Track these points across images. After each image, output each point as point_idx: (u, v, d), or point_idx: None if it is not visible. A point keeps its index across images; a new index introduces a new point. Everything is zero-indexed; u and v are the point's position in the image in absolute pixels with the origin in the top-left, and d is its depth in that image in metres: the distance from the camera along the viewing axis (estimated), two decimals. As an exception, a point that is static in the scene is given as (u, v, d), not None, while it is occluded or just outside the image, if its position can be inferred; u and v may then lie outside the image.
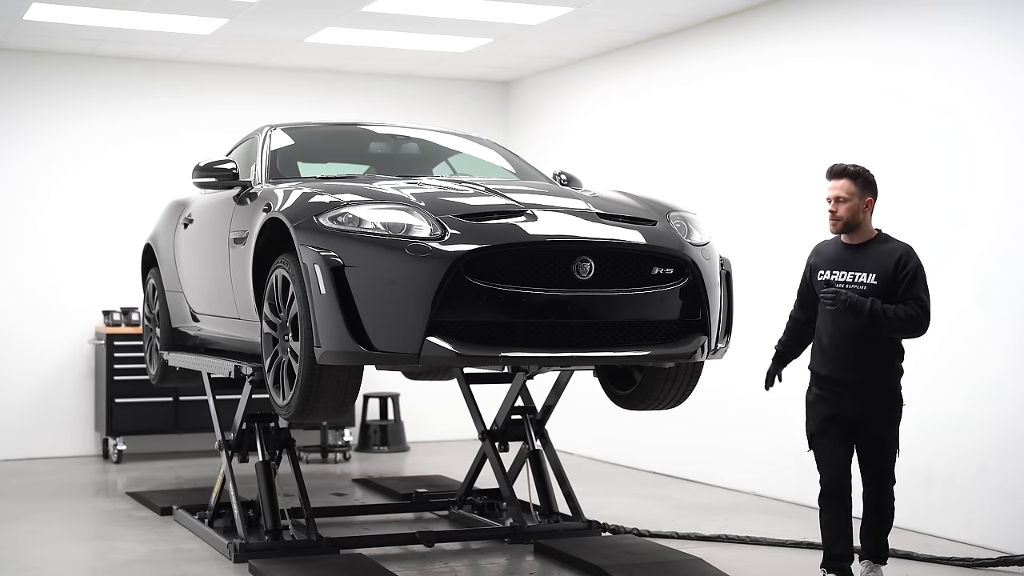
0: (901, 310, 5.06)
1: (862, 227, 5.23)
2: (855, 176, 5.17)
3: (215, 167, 6.26)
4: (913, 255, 5.14)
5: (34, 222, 9.96)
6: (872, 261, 5.17)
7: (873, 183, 5.19)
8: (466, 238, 4.99)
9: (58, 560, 6.29)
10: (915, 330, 5.11)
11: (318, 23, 8.98)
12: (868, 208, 5.19)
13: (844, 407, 5.32)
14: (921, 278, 5.11)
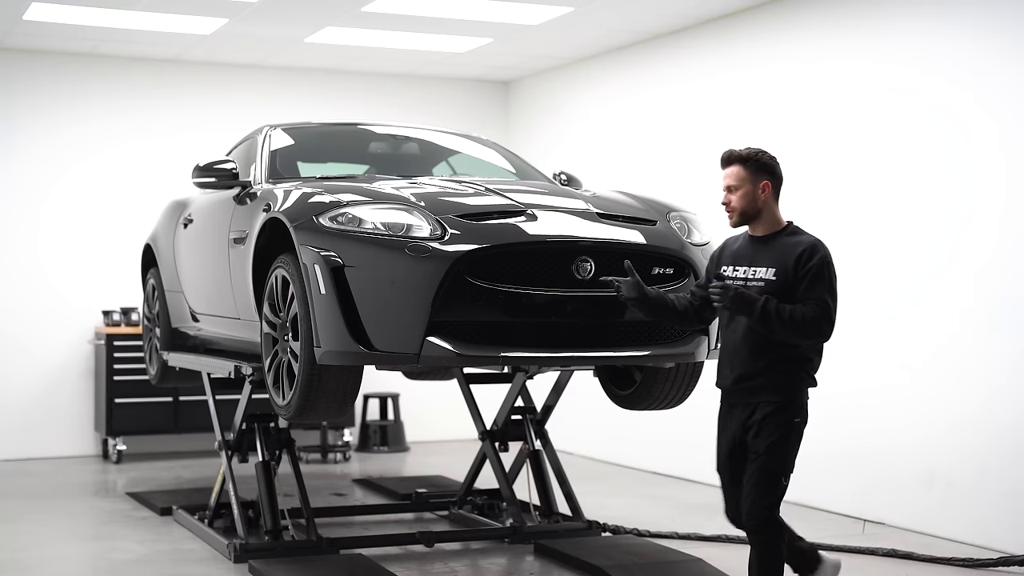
0: (798, 311, 4.36)
1: (764, 216, 4.56)
2: (745, 160, 4.54)
3: (215, 167, 6.26)
4: (819, 250, 4.45)
5: (34, 222, 9.95)
6: (773, 255, 4.50)
7: (769, 165, 4.55)
8: (466, 238, 4.99)
9: (58, 560, 6.28)
10: (813, 335, 4.40)
11: (318, 23, 8.98)
12: (765, 193, 4.53)
13: (735, 422, 4.65)
14: (826, 276, 4.43)
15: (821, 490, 7.56)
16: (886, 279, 7.16)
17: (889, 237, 7.16)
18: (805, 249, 4.46)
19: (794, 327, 4.36)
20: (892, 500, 7.03)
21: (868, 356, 7.27)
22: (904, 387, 7.01)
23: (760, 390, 4.51)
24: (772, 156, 4.59)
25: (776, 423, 4.52)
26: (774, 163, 4.58)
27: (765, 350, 4.47)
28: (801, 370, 4.52)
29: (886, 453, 7.10)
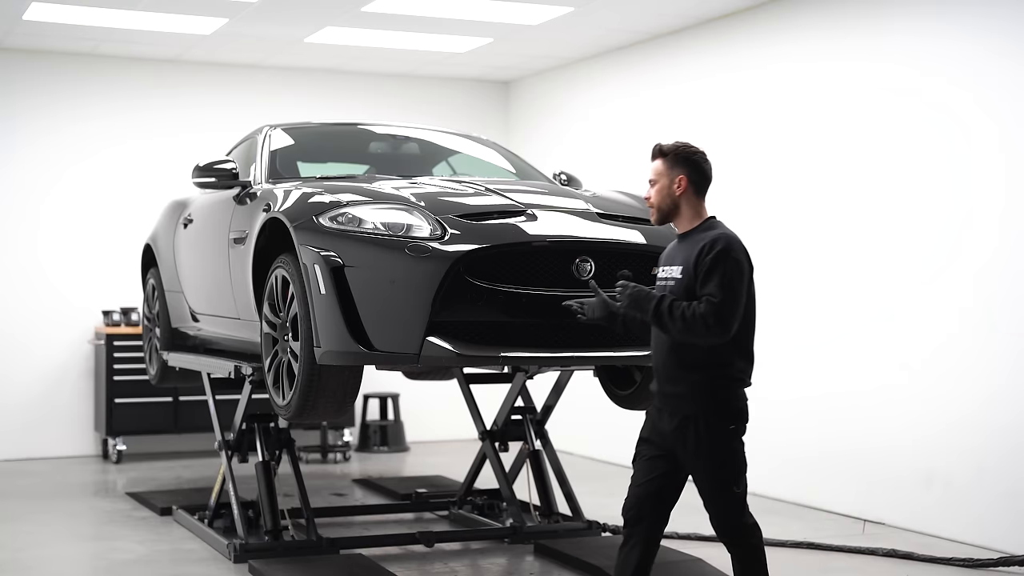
0: (689, 308, 4.14)
1: (683, 213, 4.34)
2: (664, 154, 4.33)
3: (215, 167, 6.26)
4: (720, 243, 4.21)
5: (34, 222, 9.95)
6: (684, 252, 4.30)
7: (689, 159, 4.31)
8: (466, 238, 4.98)
9: (58, 560, 6.28)
10: (701, 333, 4.14)
11: (318, 23, 8.98)
12: (681, 188, 4.29)
13: (663, 427, 4.36)
14: (723, 271, 4.18)
15: (821, 490, 7.56)
16: (885, 279, 7.16)
17: (888, 237, 7.15)
18: (707, 244, 4.23)
19: (684, 325, 4.14)
20: (892, 500, 7.03)
21: (867, 356, 7.27)
22: (903, 387, 7.01)
23: (686, 400, 4.30)
24: (694, 151, 4.35)
25: (710, 437, 4.32)
26: (695, 157, 4.33)
27: (688, 356, 4.27)
28: (725, 375, 4.32)
29: (885, 453, 7.10)
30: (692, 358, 4.28)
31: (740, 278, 4.24)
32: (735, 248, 4.25)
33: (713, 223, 4.36)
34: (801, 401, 7.80)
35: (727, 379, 4.34)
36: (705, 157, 4.38)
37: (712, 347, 4.25)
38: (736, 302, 4.21)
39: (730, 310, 4.19)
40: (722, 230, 4.32)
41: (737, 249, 4.26)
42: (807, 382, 7.77)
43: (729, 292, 4.19)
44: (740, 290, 4.23)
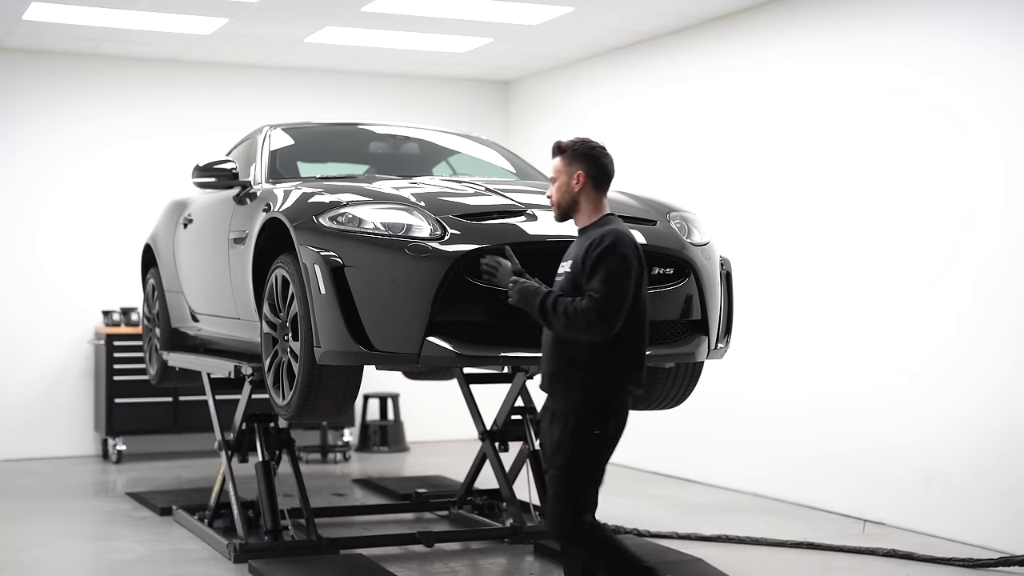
0: (572, 304, 4.10)
1: (581, 209, 4.32)
2: (563, 150, 4.33)
3: (215, 167, 6.26)
4: (608, 239, 4.15)
5: (34, 222, 9.95)
6: (577, 247, 4.30)
7: (587, 155, 4.29)
8: (466, 238, 4.98)
9: (58, 560, 6.28)
10: (583, 329, 4.10)
11: (318, 23, 8.98)
12: (579, 184, 4.28)
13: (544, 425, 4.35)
14: (607, 267, 4.11)
15: (821, 490, 7.56)
16: (886, 280, 7.16)
17: (888, 238, 7.15)
18: (595, 240, 4.18)
19: (566, 321, 4.10)
20: (892, 500, 7.03)
21: (867, 357, 7.27)
22: (903, 388, 7.01)
23: (561, 397, 4.25)
24: (593, 146, 4.32)
25: (572, 437, 4.21)
26: (593, 153, 4.30)
27: (566, 352, 4.22)
28: (602, 378, 4.21)
29: (885, 453, 7.10)
30: (573, 355, 4.22)
31: (626, 275, 4.15)
32: (623, 244, 4.16)
33: (609, 219, 4.30)
34: (801, 402, 7.80)
35: (602, 382, 4.22)
36: (604, 152, 4.34)
37: (595, 347, 4.18)
38: (620, 298, 4.12)
39: (612, 306, 4.11)
40: (614, 226, 4.24)
41: (625, 245, 4.17)
42: (807, 383, 7.77)
43: (613, 288, 4.11)
44: (625, 287, 4.14)
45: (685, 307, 5.31)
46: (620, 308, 4.12)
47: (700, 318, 5.36)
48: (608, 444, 4.25)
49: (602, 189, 4.34)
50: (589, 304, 4.08)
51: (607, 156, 4.35)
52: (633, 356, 4.25)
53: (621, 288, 4.12)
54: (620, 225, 4.27)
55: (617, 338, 4.18)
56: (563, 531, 4.29)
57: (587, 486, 4.24)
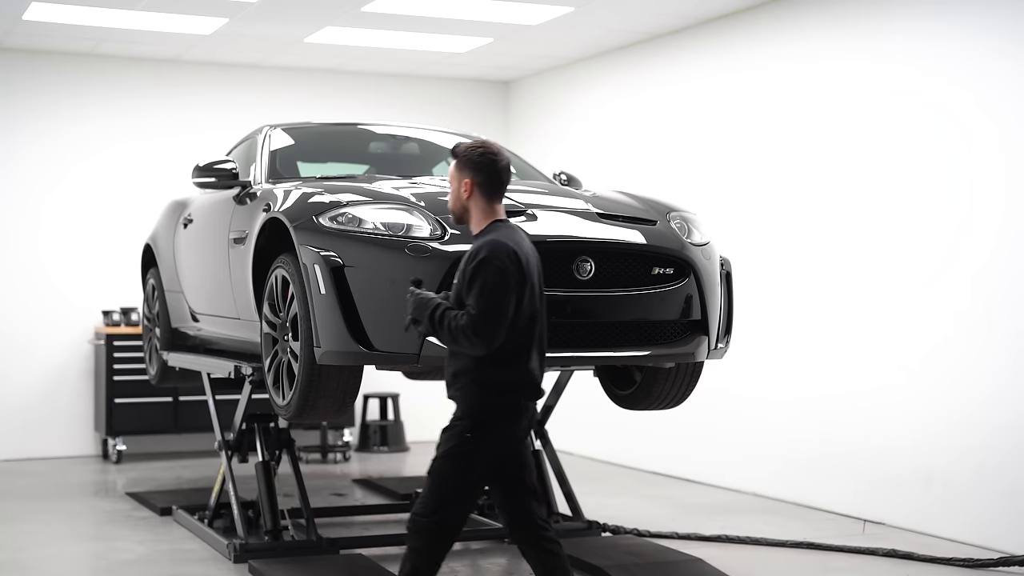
0: (454, 319, 4.05)
1: (472, 216, 4.26)
2: (455, 156, 4.28)
3: (215, 167, 6.26)
4: (484, 251, 4.07)
5: (34, 222, 9.95)
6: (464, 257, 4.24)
7: (474, 161, 4.21)
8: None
9: (58, 560, 6.28)
10: (464, 345, 4.06)
11: (318, 23, 8.98)
12: (467, 192, 4.22)
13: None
14: (481, 282, 4.03)
15: (821, 490, 7.56)
16: (885, 279, 7.16)
17: (888, 237, 7.15)
18: (472, 252, 4.12)
19: (451, 335, 4.06)
20: (892, 500, 7.03)
21: (867, 357, 7.27)
22: (902, 387, 7.01)
23: (452, 400, 4.24)
24: (482, 152, 4.23)
25: (449, 434, 4.20)
26: (482, 160, 4.22)
27: (456, 361, 4.20)
28: (478, 382, 4.15)
29: (885, 453, 7.10)
30: (461, 365, 4.19)
31: (500, 289, 4.04)
32: (498, 256, 4.06)
33: (495, 227, 4.20)
34: (801, 401, 7.80)
35: (478, 386, 4.16)
36: (494, 158, 4.25)
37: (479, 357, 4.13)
38: (494, 314, 4.03)
39: (487, 323, 4.03)
40: (494, 236, 4.14)
41: (501, 257, 4.07)
42: (807, 382, 7.77)
43: (487, 304, 4.03)
44: (499, 301, 4.04)
45: (685, 307, 5.31)
46: (496, 323, 4.04)
47: (700, 318, 5.37)
48: (488, 452, 4.19)
49: (491, 196, 4.25)
50: (467, 321, 4.03)
51: (497, 161, 4.25)
52: (521, 365, 4.18)
53: (495, 303, 4.03)
54: (503, 233, 4.16)
55: (501, 348, 4.11)
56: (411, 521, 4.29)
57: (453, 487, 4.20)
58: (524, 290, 4.13)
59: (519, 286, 4.10)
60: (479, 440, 4.16)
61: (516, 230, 4.26)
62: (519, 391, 4.19)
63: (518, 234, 4.23)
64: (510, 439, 4.21)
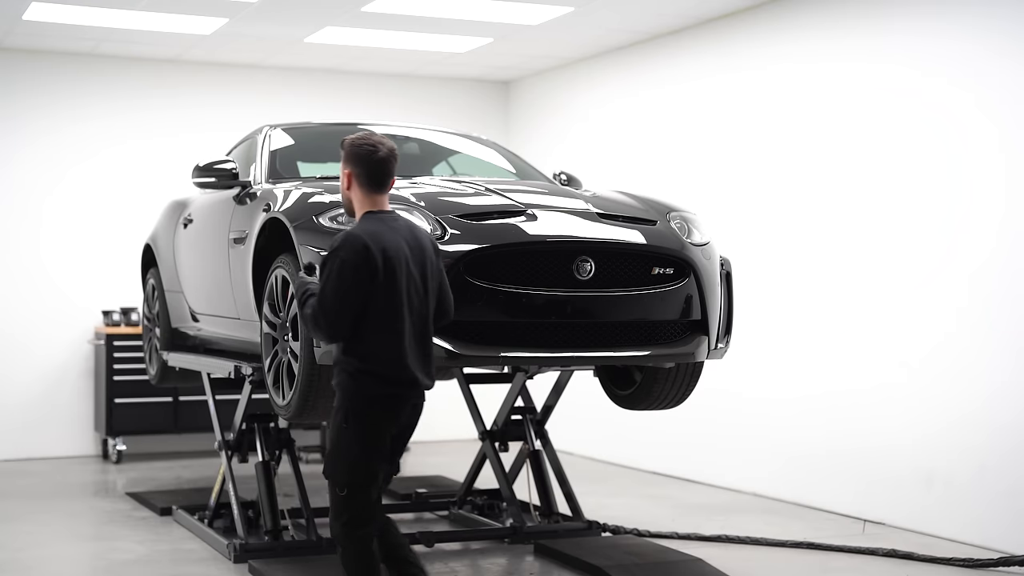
0: (308, 306, 4.19)
1: (357, 208, 4.32)
2: (342, 148, 4.33)
3: (215, 167, 6.26)
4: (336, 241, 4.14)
5: (34, 222, 9.95)
6: None
7: (352, 154, 4.26)
8: (466, 238, 4.98)
9: (58, 560, 6.28)
10: (313, 331, 4.18)
11: (318, 23, 8.98)
12: (347, 184, 4.29)
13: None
14: (328, 272, 4.10)
15: (821, 490, 7.56)
16: (885, 279, 7.16)
17: (888, 237, 7.15)
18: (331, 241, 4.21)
19: (303, 322, 4.21)
20: (892, 500, 7.03)
21: (867, 356, 7.27)
22: (903, 386, 7.01)
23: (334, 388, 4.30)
24: (360, 145, 4.25)
25: (332, 426, 4.24)
26: (359, 151, 4.25)
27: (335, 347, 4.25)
28: (345, 371, 4.19)
29: (885, 453, 7.10)
30: (336, 352, 4.23)
31: (340, 279, 4.07)
32: (344, 248, 4.09)
33: (364, 218, 4.24)
34: (801, 401, 7.80)
35: (348, 375, 4.19)
36: (371, 149, 4.25)
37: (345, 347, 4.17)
38: (336, 303, 4.08)
39: (328, 311, 4.09)
40: (355, 227, 4.18)
41: (347, 248, 4.10)
42: (807, 382, 7.77)
43: (327, 294, 4.08)
44: (338, 291, 4.08)
45: (685, 307, 5.31)
46: (334, 314, 4.08)
47: (700, 318, 5.37)
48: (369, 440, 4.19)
49: (369, 187, 4.26)
50: (313, 309, 4.11)
51: (375, 153, 4.24)
52: (392, 358, 4.17)
53: (336, 293, 4.07)
54: (366, 225, 4.19)
55: (363, 339, 4.14)
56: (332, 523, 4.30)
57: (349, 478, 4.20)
58: (381, 283, 4.11)
59: (370, 279, 4.09)
60: (357, 429, 4.18)
61: (387, 223, 4.23)
62: (392, 385, 4.19)
63: (387, 227, 4.21)
64: (385, 431, 4.23)
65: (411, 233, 4.27)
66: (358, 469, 4.20)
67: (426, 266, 4.25)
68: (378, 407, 4.20)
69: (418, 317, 4.22)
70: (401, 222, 4.29)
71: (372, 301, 4.12)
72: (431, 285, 4.29)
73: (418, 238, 4.29)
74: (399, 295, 4.15)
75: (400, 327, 4.16)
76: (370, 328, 4.13)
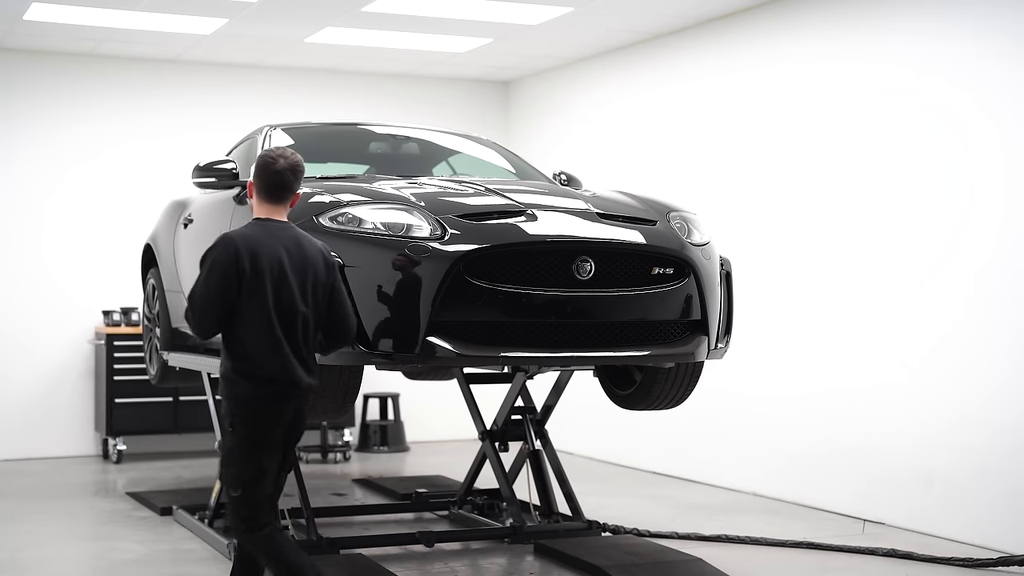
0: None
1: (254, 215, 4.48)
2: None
3: (215, 167, 6.26)
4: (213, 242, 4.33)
5: (34, 222, 9.96)
6: None
7: (256, 166, 4.44)
8: (466, 238, 4.99)
9: (58, 560, 6.28)
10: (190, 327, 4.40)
11: (318, 23, 8.98)
12: (250, 193, 4.47)
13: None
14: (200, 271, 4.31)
15: (821, 490, 7.57)
16: (885, 279, 7.16)
17: (887, 236, 7.16)
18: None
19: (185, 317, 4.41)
20: (891, 499, 7.03)
21: (867, 356, 7.27)
22: (903, 386, 7.01)
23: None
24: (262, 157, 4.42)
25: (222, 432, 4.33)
26: (259, 163, 4.41)
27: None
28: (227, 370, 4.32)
29: (885, 452, 7.10)
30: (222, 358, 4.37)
31: (209, 279, 4.25)
32: (215, 248, 4.27)
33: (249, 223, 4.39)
34: (801, 400, 7.80)
35: (224, 376, 4.33)
36: (270, 163, 4.39)
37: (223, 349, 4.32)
38: (202, 301, 4.27)
39: (195, 308, 4.30)
40: (234, 230, 4.35)
41: (218, 248, 4.26)
42: (807, 382, 7.77)
43: (198, 291, 4.28)
44: (208, 289, 4.25)
45: (685, 307, 5.31)
46: (200, 312, 4.28)
47: (700, 318, 5.36)
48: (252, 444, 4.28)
49: (268, 199, 4.40)
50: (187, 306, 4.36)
51: (269, 164, 4.39)
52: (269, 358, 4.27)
53: (202, 291, 4.26)
54: (246, 227, 4.34)
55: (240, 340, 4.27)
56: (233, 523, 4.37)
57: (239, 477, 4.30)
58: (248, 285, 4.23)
59: (237, 280, 4.23)
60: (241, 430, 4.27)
61: (270, 230, 4.35)
62: (268, 383, 4.27)
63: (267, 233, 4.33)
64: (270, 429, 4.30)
65: (296, 243, 4.37)
66: (247, 468, 4.28)
67: (307, 276, 4.34)
68: (258, 405, 4.28)
69: (294, 320, 4.30)
70: (290, 232, 4.40)
71: (244, 302, 4.25)
72: (313, 296, 4.36)
73: (304, 248, 4.38)
74: (267, 297, 4.25)
75: (271, 328, 4.26)
76: (245, 329, 4.27)
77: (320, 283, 4.38)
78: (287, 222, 4.43)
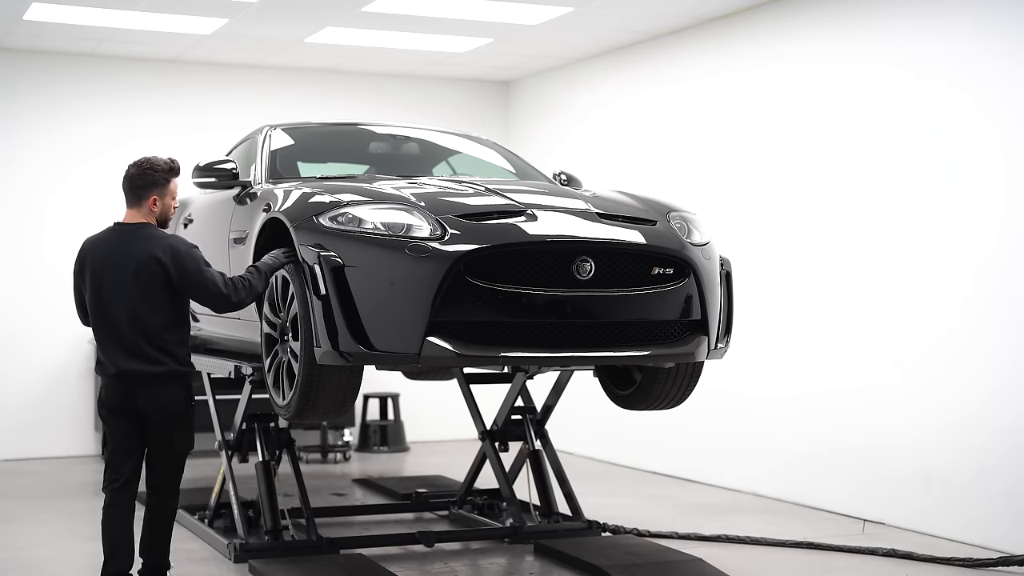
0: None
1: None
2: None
3: (215, 167, 6.26)
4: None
5: (35, 222, 9.96)
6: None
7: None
8: (466, 238, 4.99)
9: (58, 560, 6.28)
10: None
11: (318, 23, 8.99)
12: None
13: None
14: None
15: (821, 489, 7.57)
16: (885, 279, 7.17)
17: (888, 236, 7.16)
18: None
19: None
20: (891, 499, 7.04)
21: (867, 355, 7.27)
22: (902, 386, 7.01)
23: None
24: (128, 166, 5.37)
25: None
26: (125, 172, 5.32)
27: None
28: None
29: (885, 452, 7.10)
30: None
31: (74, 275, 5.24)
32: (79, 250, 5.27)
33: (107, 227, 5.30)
34: (801, 400, 7.80)
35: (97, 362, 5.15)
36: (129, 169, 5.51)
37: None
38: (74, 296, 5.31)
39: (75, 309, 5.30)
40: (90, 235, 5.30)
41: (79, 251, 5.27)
42: (807, 382, 7.77)
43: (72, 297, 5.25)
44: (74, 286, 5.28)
45: (685, 307, 5.31)
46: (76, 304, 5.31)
47: (700, 318, 5.36)
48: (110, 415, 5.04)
49: (126, 201, 5.41)
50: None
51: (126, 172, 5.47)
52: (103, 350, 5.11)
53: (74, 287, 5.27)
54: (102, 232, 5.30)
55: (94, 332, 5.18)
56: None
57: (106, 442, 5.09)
58: (86, 283, 5.19)
59: (80, 278, 5.21)
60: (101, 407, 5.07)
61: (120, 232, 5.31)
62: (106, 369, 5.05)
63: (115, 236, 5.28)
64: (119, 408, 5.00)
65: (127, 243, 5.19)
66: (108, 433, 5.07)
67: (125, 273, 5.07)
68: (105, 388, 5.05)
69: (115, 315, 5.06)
70: (138, 233, 5.24)
71: (87, 301, 5.19)
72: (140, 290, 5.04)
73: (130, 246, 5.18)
74: (96, 294, 5.11)
75: (100, 323, 5.10)
76: (93, 324, 5.17)
77: (152, 276, 5.05)
78: (142, 223, 5.24)
